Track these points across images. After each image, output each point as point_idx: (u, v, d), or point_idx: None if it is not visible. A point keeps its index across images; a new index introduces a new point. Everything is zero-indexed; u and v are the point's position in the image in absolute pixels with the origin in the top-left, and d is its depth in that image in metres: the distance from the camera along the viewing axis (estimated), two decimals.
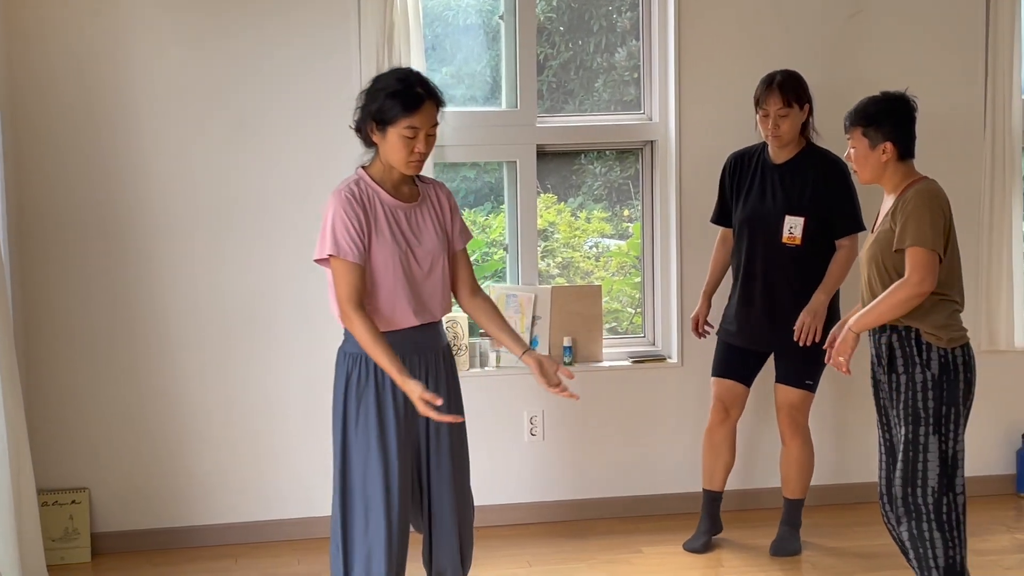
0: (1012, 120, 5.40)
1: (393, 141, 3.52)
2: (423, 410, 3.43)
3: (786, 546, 4.92)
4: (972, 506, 5.41)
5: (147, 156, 4.98)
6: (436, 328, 3.71)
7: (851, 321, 4.00)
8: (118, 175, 4.96)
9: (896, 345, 3.93)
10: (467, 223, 5.49)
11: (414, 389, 3.43)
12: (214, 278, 5.06)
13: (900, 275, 3.87)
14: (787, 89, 4.68)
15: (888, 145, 3.91)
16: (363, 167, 3.64)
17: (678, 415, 5.43)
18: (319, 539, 4.99)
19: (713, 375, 4.97)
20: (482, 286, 5.23)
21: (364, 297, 3.53)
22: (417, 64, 4.97)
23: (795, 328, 4.67)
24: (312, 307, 4.94)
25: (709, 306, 5.05)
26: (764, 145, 4.86)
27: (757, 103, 4.74)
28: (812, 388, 4.81)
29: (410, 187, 3.66)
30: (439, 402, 3.40)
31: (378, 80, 3.60)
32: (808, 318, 4.66)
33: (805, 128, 4.77)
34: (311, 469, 5.09)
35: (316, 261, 3.60)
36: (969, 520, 5.21)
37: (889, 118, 3.93)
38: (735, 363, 4.91)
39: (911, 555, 3.98)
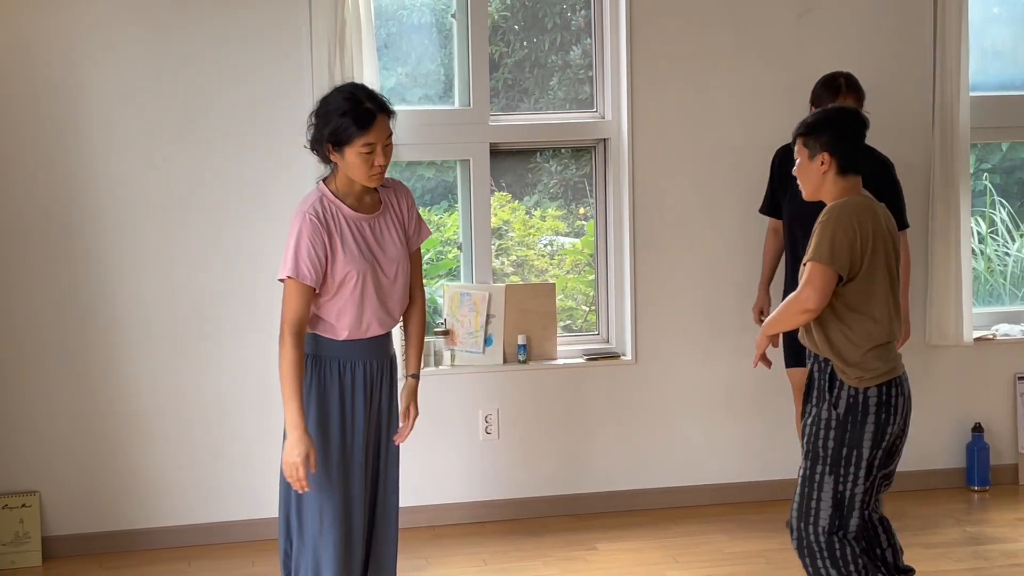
0: (960, 117, 5.45)
1: (352, 160, 3.49)
2: (287, 461, 3.43)
3: None
4: (923, 499, 5.52)
5: (95, 155, 4.92)
6: (391, 334, 3.72)
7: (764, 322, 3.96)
8: (66, 175, 4.91)
9: (815, 375, 3.81)
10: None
11: (302, 442, 3.42)
12: (165, 278, 5.01)
13: None
14: (857, 92, 4.74)
15: (825, 156, 3.73)
16: (323, 180, 3.61)
17: (632, 412, 5.44)
18: (273, 540, 4.93)
19: (785, 367, 4.92)
20: (439, 285, 5.18)
21: (305, 324, 3.51)
22: (369, 62, 4.95)
23: None
24: (264, 307, 4.90)
25: (768, 297, 5.10)
26: None
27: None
28: None
29: (372, 196, 3.64)
30: (312, 470, 3.44)
31: (326, 102, 3.54)
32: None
33: None
34: (264, 470, 5.03)
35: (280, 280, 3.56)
36: (920, 513, 5.33)
37: (829, 128, 3.75)
38: (799, 351, 4.88)
39: None
